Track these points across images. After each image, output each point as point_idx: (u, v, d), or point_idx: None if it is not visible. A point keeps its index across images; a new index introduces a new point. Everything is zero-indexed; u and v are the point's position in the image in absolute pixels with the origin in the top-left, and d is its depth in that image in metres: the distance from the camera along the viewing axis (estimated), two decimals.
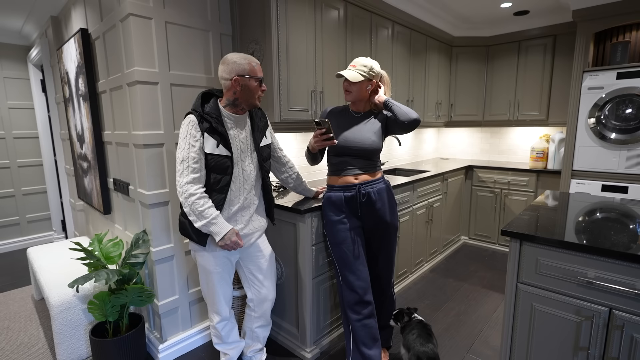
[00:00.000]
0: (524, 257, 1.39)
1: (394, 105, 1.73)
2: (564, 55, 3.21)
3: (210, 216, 1.46)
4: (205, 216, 1.45)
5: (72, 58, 2.40)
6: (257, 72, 1.52)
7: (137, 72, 1.71)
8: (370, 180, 1.80)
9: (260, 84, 1.54)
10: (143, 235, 1.91)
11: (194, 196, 1.45)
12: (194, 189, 1.45)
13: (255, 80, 1.51)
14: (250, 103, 1.55)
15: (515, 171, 3.39)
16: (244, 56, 1.51)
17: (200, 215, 1.45)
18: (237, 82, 1.49)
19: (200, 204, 1.45)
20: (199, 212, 1.45)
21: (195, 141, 1.47)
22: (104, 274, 1.64)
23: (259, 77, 1.52)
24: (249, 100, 1.53)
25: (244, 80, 1.49)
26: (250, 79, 1.49)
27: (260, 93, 1.56)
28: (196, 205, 1.45)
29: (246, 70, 1.49)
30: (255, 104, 1.57)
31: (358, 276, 1.79)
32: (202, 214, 1.45)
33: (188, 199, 1.45)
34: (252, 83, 1.50)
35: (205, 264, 1.63)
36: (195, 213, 1.45)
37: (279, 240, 2.03)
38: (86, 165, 2.54)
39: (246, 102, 1.54)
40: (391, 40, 2.80)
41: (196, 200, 1.45)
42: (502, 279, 2.95)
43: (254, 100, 1.54)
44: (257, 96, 1.55)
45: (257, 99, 1.56)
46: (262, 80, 1.55)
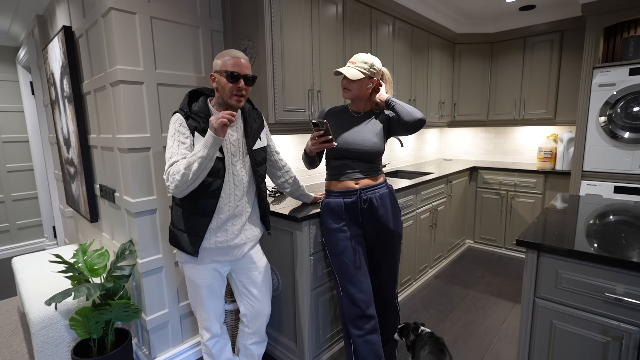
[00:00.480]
0: (543, 269, 1.26)
1: (397, 104, 1.60)
2: (572, 52, 3.08)
3: (190, 155, 1.27)
4: (186, 162, 1.26)
5: (56, 58, 2.28)
6: (228, 66, 1.32)
7: (120, 71, 1.59)
8: (372, 185, 1.67)
9: (234, 80, 1.32)
10: (129, 246, 1.79)
11: (169, 170, 1.31)
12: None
13: (225, 75, 1.32)
14: (226, 102, 1.39)
15: (522, 172, 3.26)
16: (226, 51, 1.39)
17: (181, 165, 1.26)
18: (212, 79, 1.38)
19: (177, 164, 1.29)
20: (180, 165, 1.27)
21: (185, 138, 1.36)
22: (84, 289, 1.51)
23: (229, 71, 1.32)
24: (224, 98, 1.38)
25: (217, 76, 1.36)
26: (221, 73, 1.35)
27: (236, 91, 1.35)
28: (174, 169, 1.28)
29: (218, 64, 1.36)
30: (230, 104, 1.38)
31: (359, 288, 1.66)
32: (182, 164, 1.27)
33: (168, 177, 1.30)
34: (222, 79, 1.35)
35: (193, 276, 1.51)
36: (179, 170, 1.26)
37: (275, 249, 1.90)
38: (73, 170, 2.42)
39: (225, 102, 1.40)
40: (392, 37, 2.67)
41: (172, 166, 1.30)
42: (510, 286, 2.82)
43: (227, 98, 1.37)
44: (232, 94, 1.36)
45: (232, 97, 1.36)
46: (234, 76, 1.32)
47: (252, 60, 1.85)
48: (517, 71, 3.41)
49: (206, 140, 1.26)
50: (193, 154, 1.28)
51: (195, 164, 1.26)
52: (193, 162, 1.26)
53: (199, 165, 1.26)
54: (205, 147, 1.26)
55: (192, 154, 1.28)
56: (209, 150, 1.26)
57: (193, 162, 1.26)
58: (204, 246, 1.45)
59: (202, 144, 1.27)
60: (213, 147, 1.27)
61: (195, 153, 1.27)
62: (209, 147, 1.26)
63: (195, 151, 1.28)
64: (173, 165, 1.29)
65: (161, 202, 1.80)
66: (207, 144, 1.26)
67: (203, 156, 1.26)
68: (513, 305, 2.51)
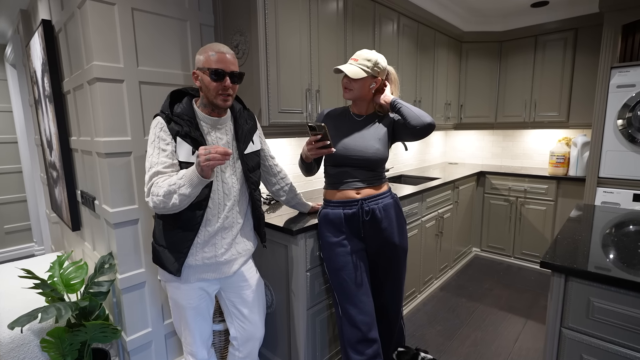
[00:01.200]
0: (571, 296, 1.10)
1: (403, 106, 1.44)
2: (587, 51, 2.91)
3: (172, 182, 1.12)
4: (166, 190, 1.12)
5: (37, 54, 2.13)
6: (212, 63, 1.18)
7: (97, 67, 1.44)
8: (375, 195, 1.52)
9: (219, 78, 1.18)
10: (109, 259, 1.64)
11: (150, 183, 1.16)
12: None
13: (209, 73, 1.18)
14: (212, 102, 1.24)
15: (533, 178, 3.09)
16: (209, 45, 1.23)
17: (162, 189, 1.12)
18: (195, 77, 1.23)
19: (159, 181, 1.15)
20: (161, 188, 1.12)
21: (166, 144, 1.20)
22: (53, 310, 1.36)
23: (213, 68, 1.17)
24: (209, 98, 1.23)
25: (200, 73, 1.21)
26: (205, 70, 1.19)
27: (222, 90, 1.20)
28: (154, 189, 1.14)
29: (201, 60, 1.21)
30: (216, 104, 1.23)
31: (361, 309, 1.50)
32: (162, 188, 1.12)
33: (148, 193, 1.16)
34: (206, 77, 1.20)
35: (178, 297, 1.35)
36: (159, 195, 1.12)
37: (269, 262, 1.74)
38: (55, 174, 2.27)
39: (209, 102, 1.25)
40: (397, 34, 2.51)
41: (154, 183, 1.15)
42: (521, 300, 2.65)
43: (212, 98, 1.22)
44: (217, 93, 1.21)
45: (218, 97, 1.21)
46: (219, 74, 1.18)
47: (245, 57, 1.69)
48: (527, 71, 3.24)
49: (190, 177, 1.10)
50: (175, 182, 1.12)
51: (176, 196, 1.12)
52: (173, 193, 1.12)
53: (179, 201, 1.13)
54: (190, 186, 1.11)
55: (174, 181, 1.12)
56: (193, 190, 1.12)
57: (173, 192, 1.11)
58: (189, 263, 1.30)
59: (188, 176, 1.11)
60: (197, 187, 1.12)
61: (178, 184, 1.11)
62: (193, 187, 1.11)
63: (178, 181, 1.12)
64: (153, 185, 1.15)
65: (143, 212, 1.65)
66: (192, 183, 1.10)
67: (184, 194, 1.11)
68: (525, 322, 2.34)
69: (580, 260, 1.12)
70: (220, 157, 1.05)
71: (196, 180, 1.10)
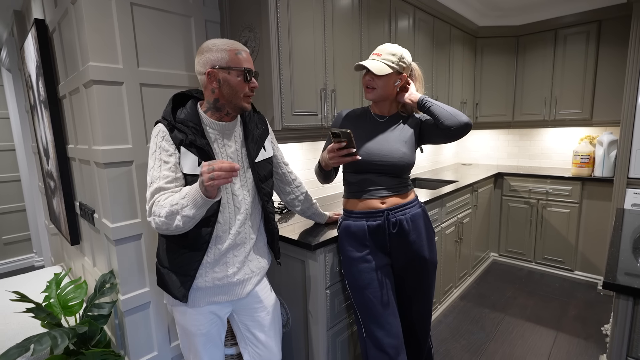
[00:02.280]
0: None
1: (434, 105, 1.30)
2: (612, 44, 2.75)
3: (174, 202, 0.98)
4: (168, 210, 0.98)
5: (31, 57, 2.00)
6: (242, 62, 1.08)
7: (93, 68, 1.30)
8: (402, 204, 1.37)
9: (248, 78, 1.09)
10: (110, 278, 1.50)
11: (152, 202, 1.03)
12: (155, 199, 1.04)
13: (239, 74, 1.08)
14: (236, 105, 1.12)
15: (555, 179, 2.93)
16: (225, 41, 1.10)
17: (164, 209, 0.98)
18: (214, 77, 1.08)
19: (161, 199, 1.01)
20: (162, 208, 0.99)
21: (168, 156, 1.07)
22: (47, 339, 1.22)
23: (242, 68, 1.08)
24: (233, 100, 1.10)
25: (222, 73, 1.07)
26: (230, 71, 1.07)
27: (249, 91, 1.12)
28: (156, 209, 1.00)
29: (224, 59, 1.07)
30: (243, 107, 1.13)
31: (388, 331, 1.35)
32: (164, 208, 0.99)
33: (150, 212, 1.03)
34: (233, 77, 1.07)
35: (186, 323, 1.21)
36: (161, 216, 0.99)
37: (285, 277, 1.60)
38: (53, 184, 2.14)
39: (230, 105, 1.12)
40: (412, 29, 2.37)
41: (156, 201, 1.02)
42: (548, 309, 2.50)
43: (239, 101, 1.11)
44: (244, 95, 1.11)
45: (244, 99, 1.12)
46: (251, 74, 1.10)
47: (255, 55, 1.55)
48: (547, 67, 3.08)
49: (194, 197, 0.96)
50: (178, 202, 0.97)
51: (179, 218, 0.98)
52: (175, 214, 0.98)
53: (183, 223, 0.99)
54: (194, 206, 0.96)
55: (176, 200, 0.98)
56: (197, 211, 0.98)
57: (175, 213, 0.97)
58: (198, 285, 1.16)
59: (191, 195, 0.96)
60: (202, 208, 0.98)
61: (181, 204, 0.97)
62: (197, 208, 0.97)
63: (181, 201, 0.97)
64: (155, 204, 1.01)
65: (147, 227, 1.51)
66: (196, 203, 0.96)
67: (188, 216, 0.97)
68: (556, 334, 2.19)
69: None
70: (226, 175, 0.91)
71: (200, 201, 0.95)
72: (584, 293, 2.71)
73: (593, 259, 2.85)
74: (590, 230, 2.83)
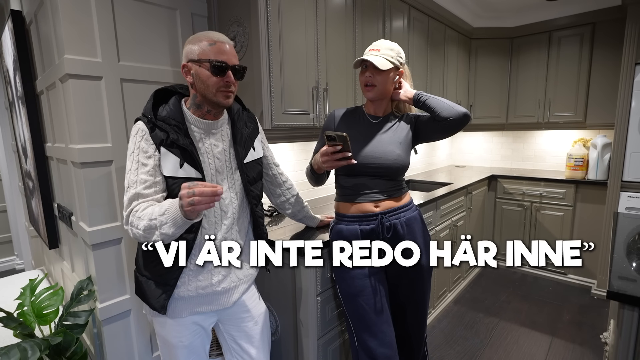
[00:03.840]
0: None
1: (430, 98, 1.26)
2: (606, 46, 2.74)
3: (153, 217, 0.91)
4: (146, 224, 0.92)
5: (8, 51, 1.90)
6: (212, 54, 0.98)
7: (69, 61, 1.22)
8: (396, 208, 1.32)
9: (220, 72, 0.99)
10: (87, 285, 1.41)
11: (132, 211, 0.96)
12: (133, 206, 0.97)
13: (208, 66, 0.98)
14: (210, 100, 1.02)
15: (549, 182, 2.92)
16: (203, 33, 1.03)
17: (142, 222, 0.92)
18: (187, 70, 1.01)
19: (139, 210, 0.95)
20: (141, 221, 0.93)
21: (147, 158, 0.99)
22: (16, 352, 1.13)
23: (210, 59, 0.98)
24: (207, 95, 1.02)
25: (194, 66, 1.00)
26: (201, 63, 0.98)
27: (223, 86, 1.01)
28: (133, 219, 0.95)
29: (196, 51, 0.99)
30: (218, 102, 1.02)
31: (381, 340, 1.29)
32: (143, 221, 0.92)
33: (128, 222, 0.97)
34: (203, 70, 0.98)
35: (167, 334, 1.13)
36: (139, 228, 0.93)
37: (274, 283, 1.52)
38: (32, 184, 2.03)
39: (207, 101, 1.04)
40: (407, 29, 2.32)
41: (134, 211, 0.96)
42: (542, 313, 2.46)
43: (212, 96, 1.01)
44: (217, 90, 1.00)
45: (218, 94, 1.01)
46: (222, 67, 0.99)
47: (244, 50, 1.48)
48: (541, 69, 3.06)
49: (173, 216, 0.89)
50: (157, 219, 0.90)
51: (157, 234, 0.91)
52: (154, 229, 0.91)
53: (162, 240, 0.93)
54: (173, 225, 0.89)
55: (155, 216, 0.91)
56: (176, 230, 0.91)
57: (154, 228, 0.91)
58: (181, 294, 1.09)
59: (171, 212, 0.89)
60: (182, 227, 0.92)
61: (160, 221, 0.90)
62: (176, 227, 0.90)
63: (160, 218, 0.90)
64: (132, 214, 0.95)
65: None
66: (175, 223, 0.89)
67: (167, 234, 0.91)
68: (551, 340, 2.15)
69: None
70: (207, 200, 0.83)
71: (180, 221, 0.89)
72: (578, 297, 2.69)
73: (587, 262, 2.83)
74: (584, 233, 2.82)
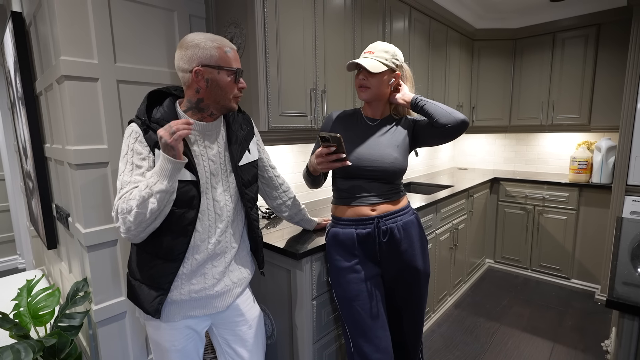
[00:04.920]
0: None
1: (428, 103, 1.24)
2: (611, 48, 2.70)
3: (142, 188, 0.90)
4: (139, 197, 0.90)
5: (9, 52, 1.92)
6: (232, 62, 1.02)
7: (65, 63, 1.22)
8: (393, 212, 1.30)
9: (237, 78, 1.03)
10: (83, 286, 1.41)
11: (119, 200, 0.94)
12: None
13: (229, 74, 1.01)
14: (223, 106, 1.05)
15: (552, 185, 2.88)
16: (211, 37, 1.02)
17: (133, 200, 0.91)
18: (201, 76, 1.00)
19: (125, 196, 0.93)
20: (131, 200, 0.91)
21: (141, 160, 0.99)
22: (9, 353, 1.13)
23: (233, 68, 1.02)
24: (221, 102, 1.04)
25: (211, 72, 1.00)
26: (220, 70, 1.00)
27: (237, 92, 1.06)
28: (122, 205, 0.92)
29: (214, 57, 0.99)
30: (231, 107, 1.07)
31: (377, 346, 1.27)
32: (134, 199, 0.91)
33: (117, 216, 0.95)
34: (223, 77, 1.01)
35: (159, 338, 1.12)
36: (132, 208, 0.91)
37: (270, 285, 1.52)
38: (31, 185, 2.04)
39: (216, 105, 1.05)
40: (408, 30, 2.30)
41: (120, 204, 0.94)
42: (544, 318, 2.43)
43: (227, 102, 1.05)
44: (233, 96, 1.05)
45: (233, 100, 1.05)
46: (240, 74, 1.04)
47: (241, 52, 1.48)
48: (544, 71, 3.03)
49: (162, 166, 0.90)
50: (147, 184, 0.90)
51: (152, 200, 0.90)
52: (148, 197, 0.90)
53: (159, 202, 0.91)
54: (164, 177, 0.90)
55: (144, 185, 0.91)
56: (169, 181, 0.90)
57: (148, 196, 0.90)
58: (173, 299, 1.08)
59: (158, 170, 0.90)
60: (174, 175, 0.91)
61: (150, 183, 0.90)
62: (168, 177, 0.90)
63: (149, 181, 0.91)
64: (120, 204, 0.93)
65: None
66: (165, 172, 0.90)
67: (162, 190, 0.90)
68: (552, 346, 2.12)
69: None
70: (184, 127, 0.90)
71: (170, 166, 0.90)
72: (581, 302, 2.64)
73: (590, 267, 2.79)
74: (587, 237, 2.78)
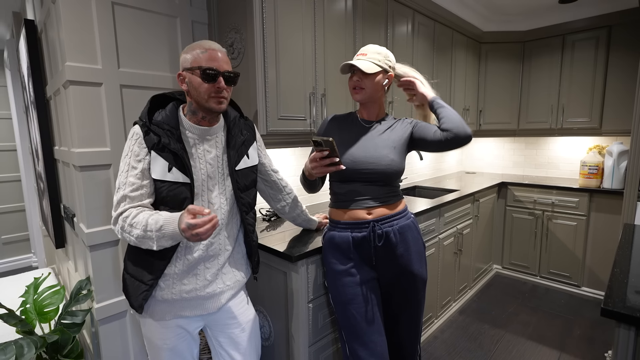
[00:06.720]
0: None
1: (444, 108, 1.25)
2: (623, 50, 2.64)
3: (149, 229, 0.97)
4: (144, 230, 0.97)
5: (23, 58, 1.99)
6: (202, 61, 1.01)
7: (70, 68, 1.27)
8: (389, 215, 1.30)
9: (211, 79, 1.01)
10: (86, 285, 1.45)
11: (121, 215, 1.01)
12: (122, 210, 1.02)
13: (199, 73, 1.00)
14: (204, 107, 1.05)
15: (562, 190, 2.81)
16: (198, 42, 1.06)
17: (136, 230, 0.98)
18: (182, 79, 1.05)
19: (130, 216, 1.00)
20: (134, 229, 0.98)
21: (137, 161, 1.02)
22: (12, 348, 1.17)
23: (204, 68, 1.00)
24: (200, 102, 1.05)
25: (188, 74, 1.03)
26: (193, 71, 1.01)
27: (215, 92, 1.02)
28: (128, 226, 0.99)
29: (189, 59, 1.02)
30: (210, 107, 1.04)
31: (372, 351, 1.27)
32: (137, 230, 0.98)
33: (117, 224, 1.02)
34: (195, 78, 1.01)
35: (152, 335, 1.15)
36: (132, 235, 0.99)
37: (267, 287, 1.53)
38: (42, 185, 2.11)
39: (201, 107, 1.06)
40: (411, 34, 2.30)
41: (124, 216, 1.00)
42: (552, 327, 2.37)
43: (204, 102, 1.04)
44: (209, 96, 1.03)
45: (211, 100, 1.03)
46: (219, 75, 1.01)
47: (240, 57, 1.50)
48: (554, 74, 2.97)
49: (172, 234, 0.95)
50: (152, 231, 0.96)
51: (151, 243, 0.98)
52: (148, 240, 0.98)
53: (157, 248, 0.99)
54: (170, 239, 0.98)
55: (151, 228, 0.96)
56: (174, 242, 1.00)
57: (149, 239, 0.97)
58: (164, 297, 1.10)
59: (169, 233, 0.96)
60: (173, 240, 0.99)
61: (156, 236, 0.96)
62: (175, 240, 0.99)
63: (156, 234, 0.96)
64: (123, 218, 1.00)
65: None
66: (174, 238, 0.97)
67: (164, 246, 1.00)
68: (559, 356, 2.06)
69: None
70: (210, 228, 0.91)
71: (179, 238, 0.97)
72: (591, 311, 2.57)
73: (601, 274, 2.72)
74: (598, 244, 2.70)
